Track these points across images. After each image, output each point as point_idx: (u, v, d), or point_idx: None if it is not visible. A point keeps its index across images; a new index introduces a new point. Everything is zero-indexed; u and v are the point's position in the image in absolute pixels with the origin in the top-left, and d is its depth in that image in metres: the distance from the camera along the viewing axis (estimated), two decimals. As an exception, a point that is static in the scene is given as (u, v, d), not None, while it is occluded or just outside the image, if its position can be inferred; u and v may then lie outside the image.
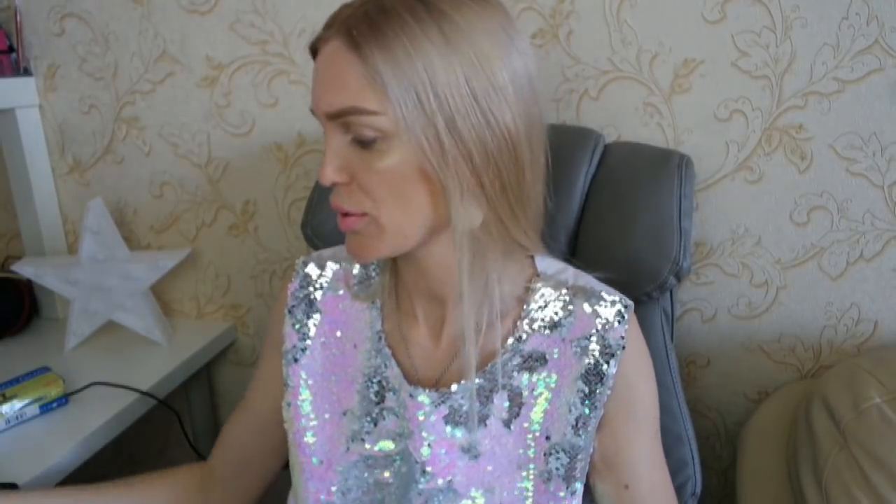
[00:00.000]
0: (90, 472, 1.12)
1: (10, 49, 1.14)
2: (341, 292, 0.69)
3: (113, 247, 1.09)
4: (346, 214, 0.57)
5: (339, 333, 0.69)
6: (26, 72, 1.16)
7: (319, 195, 0.91)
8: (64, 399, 0.94)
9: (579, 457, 0.62)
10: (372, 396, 0.65)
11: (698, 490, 0.80)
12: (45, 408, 0.92)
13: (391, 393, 0.65)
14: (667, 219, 0.77)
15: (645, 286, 0.77)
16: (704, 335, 1.00)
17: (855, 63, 0.85)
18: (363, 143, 0.54)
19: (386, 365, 0.65)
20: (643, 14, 0.90)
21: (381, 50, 0.51)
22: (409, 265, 0.64)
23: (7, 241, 1.33)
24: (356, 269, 0.70)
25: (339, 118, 0.53)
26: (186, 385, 1.16)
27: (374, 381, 0.66)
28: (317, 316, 0.69)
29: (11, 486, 0.78)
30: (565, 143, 0.84)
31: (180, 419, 1.07)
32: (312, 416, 0.67)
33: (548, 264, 0.66)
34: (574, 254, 0.82)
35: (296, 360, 0.69)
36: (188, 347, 1.12)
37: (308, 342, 0.69)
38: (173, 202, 1.19)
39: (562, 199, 0.81)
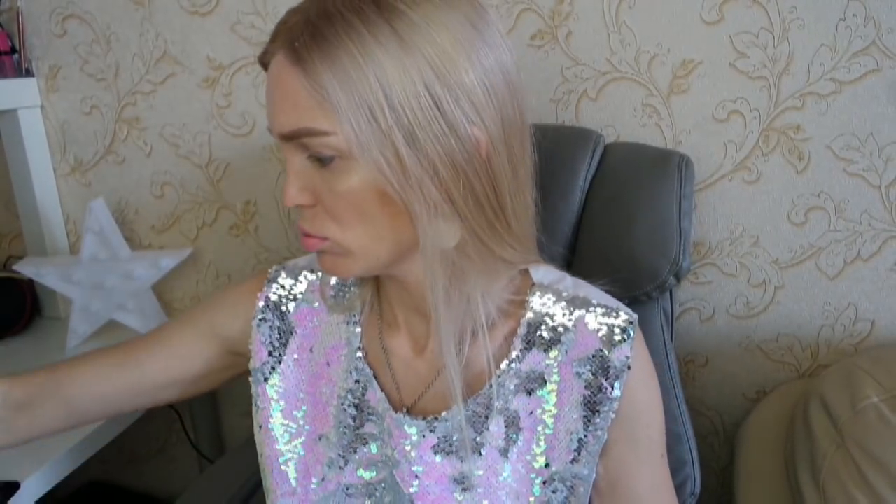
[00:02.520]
0: (91, 470, 1.13)
1: (13, 50, 1.14)
2: (316, 304, 0.64)
3: (114, 247, 1.09)
4: (308, 236, 0.53)
5: (312, 350, 0.63)
6: (28, 73, 1.17)
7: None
8: (65, 398, 0.95)
9: (581, 486, 0.57)
10: (349, 421, 0.60)
11: (697, 489, 0.80)
12: (47, 407, 0.93)
13: (372, 419, 0.60)
14: (667, 219, 0.78)
15: (645, 286, 0.78)
16: (702, 335, 1.00)
17: (852, 64, 0.85)
18: (322, 162, 0.49)
19: (366, 388, 0.60)
20: (642, 15, 0.91)
21: (326, 62, 0.46)
22: (390, 280, 0.59)
23: (9, 241, 1.33)
24: (333, 280, 0.64)
25: (293, 140, 0.49)
26: (187, 384, 1.16)
27: (351, 403, 0.60)
28: (289, 330, 0.63)
29: (13, 485, 0.78)
30: (565, 143, 0.84)
31: (181, 418, 1.08)
32: (287, 439, 0.62)
33: (543, 273, 0.61)
34: (574, 254, 0.82)
35: (265, 379, 0.63)
36: (189, 347, 1.12)
37: (279, 359, 0.63)
38: (174, 202, 1.19)
39: (562, 200, 0.82)
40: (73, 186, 1.23)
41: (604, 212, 0.81)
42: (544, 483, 0.57)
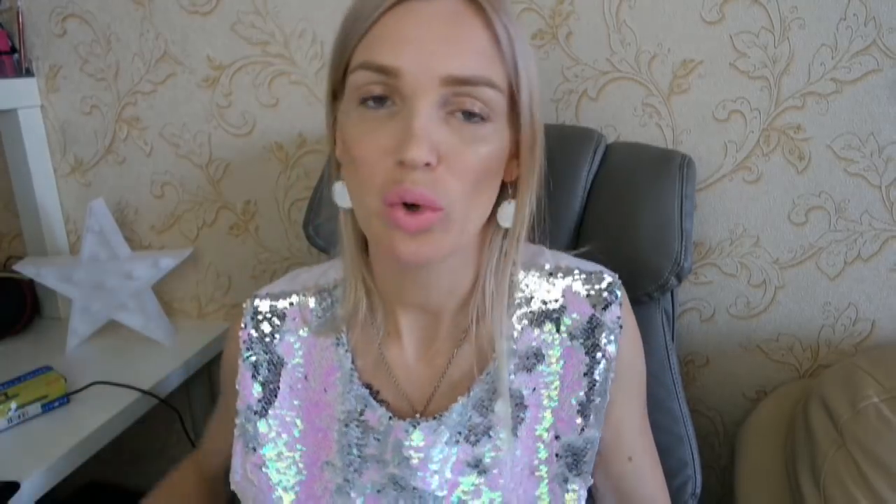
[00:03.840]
0: (91, 470, 1.13)
1: (13, 50, 1.14)
2: (301, 332, 0.63)
3: (114, 247, 1.09)
4: (427, 208, 0.48)
5: (307, 378, 0.62)
6: (28, 72, 1.17)
7: (322, 195, 0.92)
8: (65, 398, 0.95)
9: (589, 450, 0.59)
10: (352, 444, 0.59)
11: (698, 490, 0.80)
12: (47, 407, 0.93)
13: (375, 439, 0.59)
14: (668, 219, 0.77)
15: (646, 286, 0.77)
16: (703, 335, 1.00)
17: (853, 64, 0.85)
18: (468, 119, 0.48)
19: (364, 409, 0.59)
20: (642, 15, 0.91)
21: (507, 23, 0.49)
22: (402, 277, 0.58)
23: (9, 241, 1.33)
24: (312, 303, 0.63)
25: (461, 86, 0.47)
26: (187, 384, 1.16)
27: (352, 426, 0.59)
28: (279, 362, 0.62)
29: (13, 485, 0.78)
30: (567, 143, 0.84)
31: (181, 418, 1.08)
32: (291, 473, 0.61)
33: (522, 251, 0.60)
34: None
35: (262, 415, 0.61)
36: (189, 347, 1.13)
37: (275, 392, 0.62)
38: (174, 202, 1.19)
39: (563, 199, 0.82)
40: (73, 186, 1.23)
41: (605, 212, 0.81)
42: (556, 455, 0.59)
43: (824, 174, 0.90)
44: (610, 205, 0.81)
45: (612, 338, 0.58)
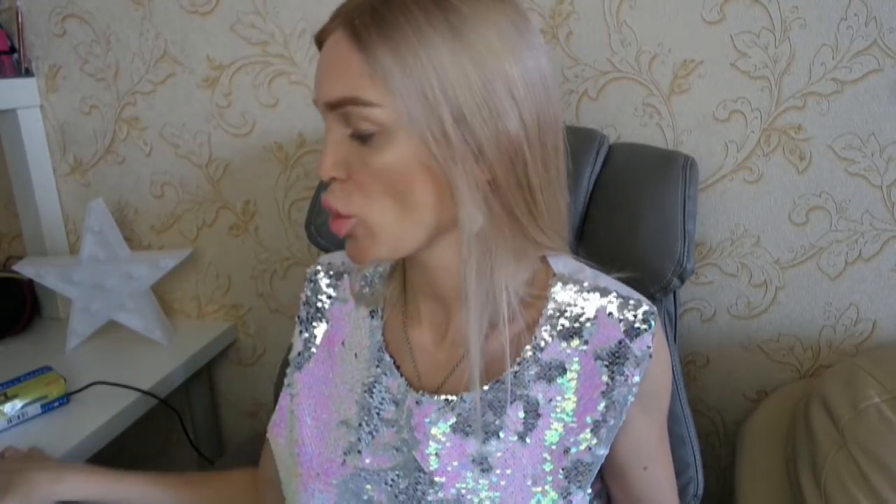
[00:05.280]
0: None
1: (12, 50, 1.14)
2: (348, 302, 0.69)
3: (114, 247, 1.09)
4: (336, 217, 0.55)
5: (344, 343, 0.68)
6: (28, 72, 1.17)
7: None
8: (65, 398, 0.95)
9: (595, 464, 0.59)
10: (370, 406, 0.64)
11: (700, 491, 0.80)
12: (47, 407, 0.93)
13: (392, 405, 0.63)
14: (671, 220, 0.77)
15: (649, 287, 0.77)
16: (704, 335, 1.00)
17: (853, 63, 0.85)
18: (362, 138, 0.52)
19: (386, 375, 0.64)
20: (642, 15, 0.90)
21: (384, 40, 0.50)
22: (414, 268, 0.62)
23: (9, 242, 1.33)
24: (360, 277, 0.69)
25: (338, 108, 0.52)
26: (187, 385, 1.16)
27: (375, 391, 0.64)
28: (323, 324, 0.69)
29: (13, 485, 0.78)
30: (569, 143, 0.84)
31: (181, 419, 1.08)
32: (312, 425, 0.66)
33: (563, 264, 0.63)
34: (577, 255, 0.82)
35: (299, 369, 0.68)
36: (189, 347, 1.13)
37: (313, 350, 0.69)
38: (174, 202, 1.19)
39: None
40: (73, 186, 1.23)
41: (608, 213, 0.81)
42: (563, 468, 0.59)
43: (825, 174, 0.90)
44: (613, 205, 0.81)
45: (637, 366, 0.58)
